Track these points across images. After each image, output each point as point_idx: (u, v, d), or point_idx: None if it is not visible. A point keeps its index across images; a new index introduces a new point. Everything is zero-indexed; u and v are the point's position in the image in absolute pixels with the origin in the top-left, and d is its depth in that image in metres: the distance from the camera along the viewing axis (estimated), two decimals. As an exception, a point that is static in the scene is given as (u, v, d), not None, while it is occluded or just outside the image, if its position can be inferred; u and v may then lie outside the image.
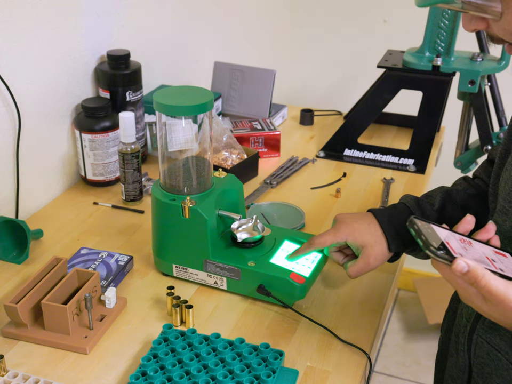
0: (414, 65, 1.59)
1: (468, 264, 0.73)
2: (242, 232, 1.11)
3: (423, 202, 1.07)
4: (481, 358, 0.92)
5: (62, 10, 1.36)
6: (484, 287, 0.73)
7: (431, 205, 1.07)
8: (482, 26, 0.79)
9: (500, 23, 0.76)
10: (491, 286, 0.73)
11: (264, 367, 0.91)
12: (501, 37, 0.78)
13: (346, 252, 1.08)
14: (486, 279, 0.73)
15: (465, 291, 0.77)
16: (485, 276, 0.73)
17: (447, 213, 1.06)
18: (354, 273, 1.03)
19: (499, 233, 0.88)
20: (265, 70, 1.77)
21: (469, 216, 0.85)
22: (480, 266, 0.74)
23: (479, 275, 0.73)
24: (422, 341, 2.44)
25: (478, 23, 0.78)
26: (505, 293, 0.73)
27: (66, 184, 1.49)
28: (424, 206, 1.06)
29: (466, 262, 0.73)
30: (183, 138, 1.12)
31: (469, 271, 0.73)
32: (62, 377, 0.94)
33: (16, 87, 1.27)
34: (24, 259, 1.20)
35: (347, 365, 0.97)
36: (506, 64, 1.55)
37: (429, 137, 1.61)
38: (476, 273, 0.73)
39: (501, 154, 0.95)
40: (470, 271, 0.73)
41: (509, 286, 0.74)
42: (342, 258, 1.07)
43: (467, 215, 0.85)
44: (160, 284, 1.15)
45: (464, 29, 0.81)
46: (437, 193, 1.09)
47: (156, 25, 1.73)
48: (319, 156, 1.66)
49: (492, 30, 0.78)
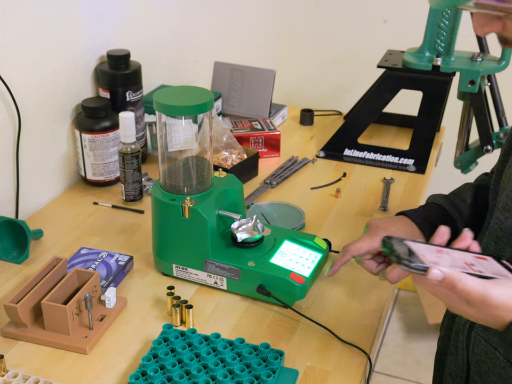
0: (414, 65, 1.58)
1: (442, 271, 0.74)
2: (242, 232, 1.11)
3: (454, 198, 1.07)
4: (479, 356, 0.92)
5: (62, 10, 1.36)
6: (462, 290, 0.73)
7: (463, 200, 1.07)
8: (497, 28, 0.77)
9: None
10: (469, 288, 0.73)
11: (264, 367, 0.91)
12: None
13: (377, 260, 1.03)
14: (462, 282, 0.73)
15: (449, 299, 0.77)
16: (461, 279, 0.73)
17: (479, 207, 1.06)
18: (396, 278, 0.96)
19: (500, 231, 0.88)
20: (265, 70, 1.77)
21: (442, 227, 0.85)
22: (455, 271, 0.74)
23: (455, 279, 0.73)
24: (422, 341, 2.44)
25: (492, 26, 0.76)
26: (484, 291, 0.73)
27: (66, 184, 1.49)
28: (457, 202, 1.06)
29: (440, 269, 0.74)
30: (183, 138, 1.12)
31: (444, 278, 0.73)
32: (62, 377, 0.94)
33: (16, 87, 1.27)
34: (24, 259, 1.20)
35: (347, 365, 0.97)
36: (506, 64, 1.55)
37: (429, 137, 1.61)
38: (452, 278, 0.73)
39: (504, 151, 0.95)
40: (445, 277, 0.73)
41: (487, 284, 0.74)
42: (375, 266, 1.02)
43: (441, 227, 0.85)
44: (160, 284, 1.15)
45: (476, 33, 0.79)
46: (465, 189, 1.09)
47: (156, 25, 1.73)
48: (319, 156, 1.66)
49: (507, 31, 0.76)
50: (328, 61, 2.36)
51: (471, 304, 0.75)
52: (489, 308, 0.74)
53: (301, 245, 1.13)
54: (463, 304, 0.76)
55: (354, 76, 2.31)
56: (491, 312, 0.74)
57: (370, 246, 1.02)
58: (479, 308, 0.74)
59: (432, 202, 1.09)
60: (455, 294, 0.75)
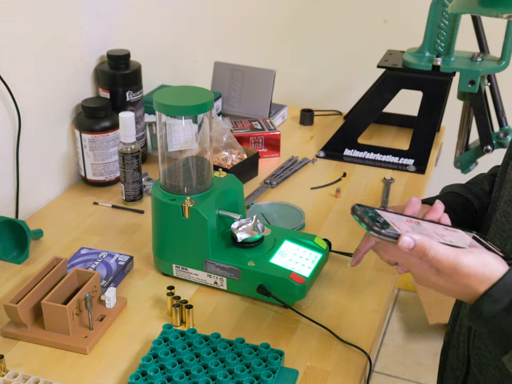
0: (414, 65, 1.58)
1: (414, 238, 0.73)
2: (242, 232, 1.11)
3: (472, 187, 1.06)
4: (479, 349, 0.92)
5: (62, 10, 1.36)
6: (434, 257, 0.73)
7: (481, 188, 1.06)
8: None
9: None
10: (440, 255, 0.72)
11: (264, 367, 0.91)
12: None
13: None
14: (434, 250, 0.72)
15: (419, 268, 0.76)
16: (433, 246, 0.73)
17: None
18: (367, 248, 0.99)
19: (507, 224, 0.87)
20: (265, 70, 1.77)
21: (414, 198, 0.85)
22: (426, 239, 0.73)
23: (426, 246, 0.73)
24: (422, 341, 2.44)
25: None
26: (456, 259, 0.72)
27: (66, 184, 1.49)
28: (475, 190, 1.06)
29: (411, 236, 0.73)
30: (183, 138, 1.12)
31: (415, 245, 0.73)
32: (62, 377, 0.94)
33: (16, 87, 1.27)
34: (24, 259, 1.20)
35: (347, 365, 0.97)
36: (506, 64, 1.55)
37: (429, 137, 1.61)
38: (423, 245, 0.73)
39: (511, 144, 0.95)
40: (416, 245, 0.73)
41: (459, 252, 0.73)
42: None
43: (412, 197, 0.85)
44: (160, 284, 1.15)
45: None
46: (481, 179, 1.08)
47: (155, 25, 1.73)
48: (319, 156, 1.66)
49: None
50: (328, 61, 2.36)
51: (442, 273, 0.74)
52: (460, 277, 0.73)
53: (301, 245, 1.13)
54: (433, 273, 0.75)
55: (354, 76, 2.31)
56: (462, 281, 0.73)
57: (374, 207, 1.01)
58: (450, 276, 0.73)
59: (450, 191, 1.08)
60: (426, 263, 0.74)
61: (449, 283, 0.74)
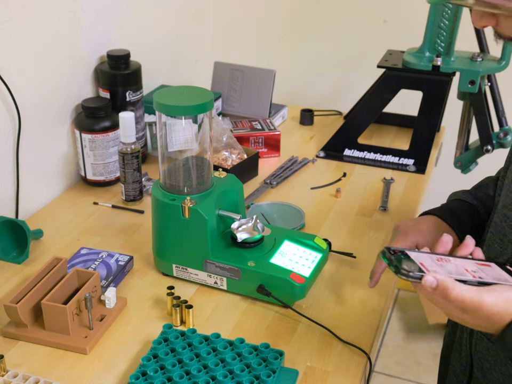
0: (414, 65, 1.58)
1: (436, 278, 0.74)
2: (242, 232, 1.11)
3: (477, 192, 1.07)
4: (481, 353, 0.92)
5: (62, 10, 1.36)
6: (456, 298, 0.74)
7: (485, 193, 1.07)
8: (492, 23, 0.79)
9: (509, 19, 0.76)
10: (463, 296, 0.74)
11: (264, 367, 0.91)
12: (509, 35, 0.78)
13: None
14: (456, 291, 0.74)
15: (445, 307, 0.78)
16: (455, 288, 0.74)
17: None
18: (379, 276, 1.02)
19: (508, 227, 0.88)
20: (265, 70, 1.77)
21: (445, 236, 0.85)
22: (449, 279, 0.74)
23: (448, 287, 0.74)
24: (422, 341, 2.44)
25: (488, 20, 0.79)
26: (480, 299, 0.74)
27: (66, 184, 1.49)
28: (480, 195, 1.06)
29: (434, 276, 0.74)
30: (183, 138, 1.12)
31: (437, 285, 0.74)
32: (62, 377, 0.94)
33: (16, 87, 1.27)
34: (24, 259, 1.20)
35: (347, 365, 0.97)
36: (506, 64, 1.55)
37: (429, 137, 1.61)
38: (445, 286, 0.74)
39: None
40: (438, 285, 0.74)
41: (481, 291, 0.74)
42: None
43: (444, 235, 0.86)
44: (160, 284, 1.15)
45: (474, 24, 0.81)
46: (487, 182, 1.09)
47: (156, 25, 1.73)
48: (319, 156, 1.66)
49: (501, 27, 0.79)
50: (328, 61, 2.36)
51: (466, 311, 0.75)
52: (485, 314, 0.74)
53: (301, 245, 1.13)
54: (458, 311, 0.76)
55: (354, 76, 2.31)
56: (486, 319, 0.75)
57: (405, 246, 1.01)
58: (475, 313, 0.75)
59: (455, 198, 1.08)
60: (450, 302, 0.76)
61: (474, 320, 0.76)
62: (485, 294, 0.74)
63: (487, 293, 0.74)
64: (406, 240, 1.01)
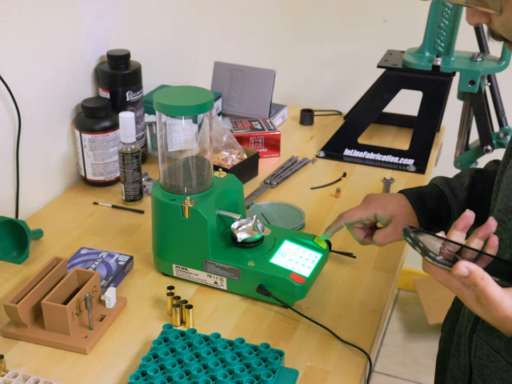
0: (414, 65, 1.58)
1: (469, 268, 0.74)
2: (242, 232, 1.11)
3: (452, 181, 1.09)
4: (481, 359, 0.91)
5: (62, 10, 1.36)
6: (482, 290, 0.74)
7: (460, 183, 1.09)
8: (484, 20, 0.79)
9: (500, 18, 0.76)
10: (488, 292, 0.73)
11: (264, 367, 0.91)
12: (501, 33, 0.78)
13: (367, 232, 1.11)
14: (484, 283, 0.73)
15: (460, 292, 0.77)
16: (484, 279, 0.74)
17: (476, 191, 1.08)
18: (381, 239, 1.06)
19: (504, 232, 0.88)
20: (265, 70, 1.77)
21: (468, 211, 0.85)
22: (480, 270, 0.74)
23: (478, 278, 0.74)
24: (422, 341, 2.44)
25: (480, 17, 0.79)
26: (500, 302, 0.73)
27: (66, 184, 1.49)
28: (454, 185, 1.08)
29: (467, 266, 0.74)
30: (183, 138, 1.12)
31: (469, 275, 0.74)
32: (62, 377, 0.94)
33: (16, 87, 1.27)
34: (24, 259, 1.20)
35: (347, 365, 0.97)
36: (506, 64, 1.55)
37: (429, 137, 1.61)
38: (476, 277, 0.74)
39: (506, 153, 0.95)
40: (470, 275, 0.74)
41: (505, 295, 0.74)
42: (364, 235, 1.11)
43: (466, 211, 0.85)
44: (160, 284, 1.15)
45: (467, 21, 0.82)
46: (466, 173, 1.11)
47: (156, 25, 1.73)
48: (319, 156, 1.66)
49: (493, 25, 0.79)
50: (328, 61, 2.36)
51: (481, 303, 0.75)
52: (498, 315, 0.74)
53: (301, 245, 1.13)
54: (473, 300, 0.76)
55: (354, 76, 2.32)
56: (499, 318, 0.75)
57: (363, 214, 1.08)
58: (488, 310, 0.75)
59: (431, 183, 1.12)
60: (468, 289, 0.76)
61: (486, 315, 0.76)
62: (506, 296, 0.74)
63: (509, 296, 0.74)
64: (367, 209, 1.08)
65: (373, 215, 1.08)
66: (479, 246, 0.82)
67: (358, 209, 1.09)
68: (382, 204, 1.08)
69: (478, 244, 0.82)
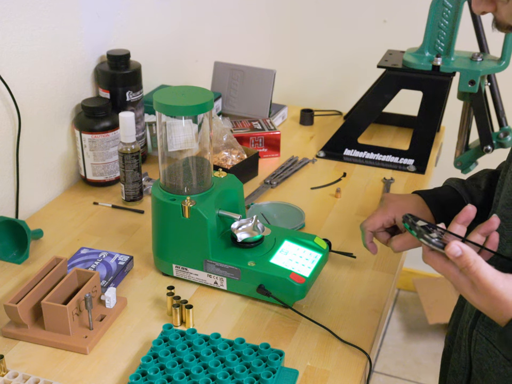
0: (414, 65, 1.58)
1: (462, 248, 0.74)
2: (242, 232, 1.11)
3: (468, 184, 1.08)
4: (480, 354, 0.92)
5: (62, 10, 1.36)
6: (474, 272, 0.74)
7: (477, 186, 1.07)
8: (490, 8, 0.79)
9: (506, 6, 0.76)
10: (480, 273, 0.73)
11: (264, 367, 0.91)
12: (508, 22, 0.78)
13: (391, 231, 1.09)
14: (477, 265, 0.74)
15: (456, 280, 0.77)
16: (477, 261, 0.74)
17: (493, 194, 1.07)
18: (398, 246, 1.01)
19: (506, 228, 0.88)
20: (265, 70, 1.77)
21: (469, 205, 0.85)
22: (473, 252, 0.74)
23: (470, 260, 0.74)
24: (422, 341, 2.44)
25: (486, 5, 0.79)
26: (493, 283, 0.73)
27: (66, 184, 1.49)
28: (470, 188, 1.07)
29: (460, 246, 0.74)
30: (183, 138, 1.12)
31: (462, 255, 0.74)
32: (62, 377, 0.94)
33: (16, 87, 1.27)
34: (24, 259, 1.20)
35: (347, 365, 0.97)
36: (506, 64, 1.55)
37: (429, 137, 1.61)
38: (468, 258, 0.74)
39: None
40: (463, 255, 0.74)
41: (498, 276, 0.74)
42: (387, 238, 1.08)
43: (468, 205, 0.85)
44: (160, 284, 1.15)
45: (473, 10, 0.82)
46: (482, 175, 1.10)
47: (156, 25, 1.73)
48: (319, 156, 1.66)
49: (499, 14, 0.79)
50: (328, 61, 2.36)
51: (477, 289, 0.75)
52: (491, 299, 0.74)
53: (301, 245, 1.13)
54: (468, 287, 0.76)
55: (354, 76, 2.32)
56: (493, 304, 0.74)
57: (383, 220, 1.06)
58: (482, 295, 0.75)
59: (447, 185, 1.10)
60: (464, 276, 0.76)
61: (480, 301, 0.76)
62: (500, 279, 0.73)
63: (502, 279, 0.74)
64: (386, 213, 1.06)
65: (392, 219, 1.05)
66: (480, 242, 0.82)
67: (377, 216, 1.06)
68: (400, 208, 1.05)
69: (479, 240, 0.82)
